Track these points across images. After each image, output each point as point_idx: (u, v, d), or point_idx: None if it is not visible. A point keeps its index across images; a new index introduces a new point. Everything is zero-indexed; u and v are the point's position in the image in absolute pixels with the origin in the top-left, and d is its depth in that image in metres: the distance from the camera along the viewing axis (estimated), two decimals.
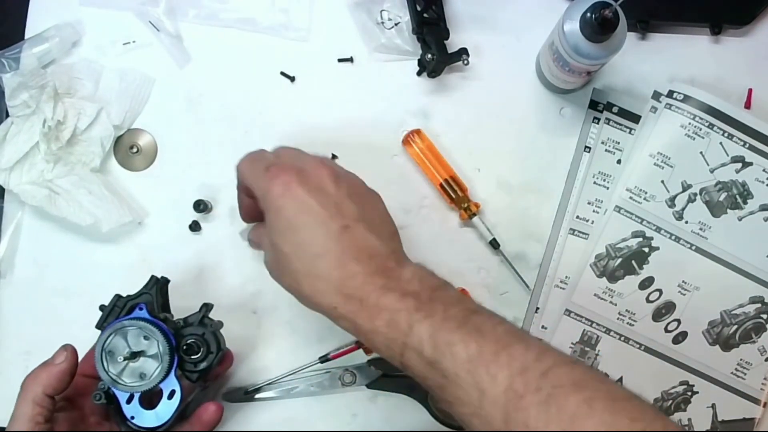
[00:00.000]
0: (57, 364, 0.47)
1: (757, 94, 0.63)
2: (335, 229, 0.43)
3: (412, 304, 0.42)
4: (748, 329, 0.61)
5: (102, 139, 0.58)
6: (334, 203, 0.44)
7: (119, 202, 0.57)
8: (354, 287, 0.43)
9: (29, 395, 0.46)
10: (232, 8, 0.61)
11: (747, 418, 0.62)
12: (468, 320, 0.42)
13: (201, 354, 0.49)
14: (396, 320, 0.42)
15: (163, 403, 0.47)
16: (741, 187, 0.61)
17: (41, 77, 0.57)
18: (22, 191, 0.56)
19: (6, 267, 0.58)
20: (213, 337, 0.49)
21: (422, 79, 0.62)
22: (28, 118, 0.57)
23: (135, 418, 0.47)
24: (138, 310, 0.48)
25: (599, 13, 0.50)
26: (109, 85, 0.59)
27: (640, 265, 0.60)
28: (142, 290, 0.49)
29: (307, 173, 0.45)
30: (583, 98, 0.62)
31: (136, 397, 0.47)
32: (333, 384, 0.58)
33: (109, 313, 0.49)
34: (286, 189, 0.44)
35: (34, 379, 0.46)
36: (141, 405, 0.47)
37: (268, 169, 0.45)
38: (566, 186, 0.62)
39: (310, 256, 0.44)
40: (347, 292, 0.43)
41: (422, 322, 0.41)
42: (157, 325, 0.47)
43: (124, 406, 0.47)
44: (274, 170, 0.45)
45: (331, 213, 0.44)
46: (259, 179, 0.46)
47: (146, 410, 0.47)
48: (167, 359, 0.47)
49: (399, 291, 0.43)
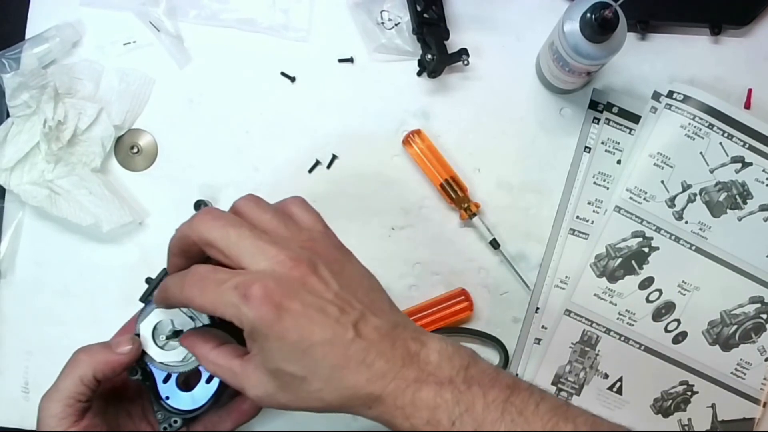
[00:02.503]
0: (119, 354, 0.44)
1: (757, 94, 0.63)
2: (347, 331, 0.39)
3: (449, 397, 0.39)
4: (748, 329, 0.61)
5: (102, 139, 0.58)
6: (331, 301, 0.39)
7: (120, 202, 0.57)
8: (384, 387, 0.39)
9: (78, 371, 0.43)
10: (233, 8, 0.61)
11: (747, 418, 0.62)
12: (509, 405, 0.39)
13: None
14: (437, 418, 0.39)
15: (200, 386, 0.46)
16: (741, 187, 0.61)
17: (42, 77, 0.57)
18: (23, 191, 0.56)
19: (6, 267, 0.58)
20: None
21: (422, 79, 0.62)
22: (29, 119, 0.57)
23: (170, 398, 0.45)
24: None
25: (599, 13, 0.50)
26: (109, 86, 0.59)
27: (640, 265, 0.60)
28: None
29: (288, 278, 0.39)
30: (583, 98, 0.62)
31: (174, 378, 0.45)
32: None
33: (155, 287, 0.45)
34: (278, 310, 0.37)
35: (91, 358, 0.43)
36: (177, 386, 0.45)
37: (237, 288, 0.38)
38: (566, 186, 0.62)
39: (330, 371, 0.39)
40: (378, 394, 0.39)
41: (464, 416, 0.38)
42: None
43: (160, 385, 0.45)
44: (254, 290, 0.38)
45: (336, 316, 0.39)
46: (237, 307, 0.38)
47: (183, 392, 0.45)
48: None
49: (433, 382, 0.39)
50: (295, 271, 0.39)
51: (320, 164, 0.61)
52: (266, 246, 0.39)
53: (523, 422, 0.39)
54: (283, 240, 0.41)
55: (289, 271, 0.39)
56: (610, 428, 0.40)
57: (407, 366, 0.39)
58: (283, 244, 0.40)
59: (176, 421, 0.46)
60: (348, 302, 0.40)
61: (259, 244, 0.39)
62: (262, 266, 0.39)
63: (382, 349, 0.39)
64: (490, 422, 0.38)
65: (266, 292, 0.38)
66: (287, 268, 0.39)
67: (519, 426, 0.38)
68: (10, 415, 0.57)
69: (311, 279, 0.39)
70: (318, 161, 0.61)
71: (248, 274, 0.39)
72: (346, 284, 0.41)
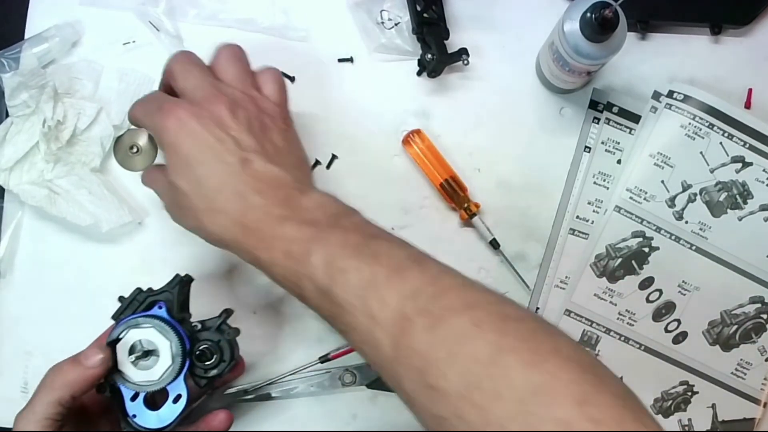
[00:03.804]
0: (90, 368, 0.44)
1: (757, 94, 0.63)
2: (233, 163, 0.43)
3: (309, 233, 0.41)
4: (748, 329, 0.61)
5: (102, 139, 0.58)
6: (232, 137, 0.44)
7: (119, 202, 0.57)
8: (253, 219, 0.42)
9: (55, 395, 0.43)
10: (232, 8, 0.61)
11: (747, 418, 0.62)
12: (365, 246, 0.41)
13: (213, 361, 0.48)
14: (292, 250, 0.41)
15: (167, 406, 0.47)
16: (741, 187, 0.61)
17: (41, 77, 0.57)
18: (22, 191, 0.56)
19: (6, 267, 0.58)
20: (228, 345, 0.48)
21: (422, 79, 0.62)
22: (28, 118, 0.57)
23: (137, 416, 0.46)
24: (157, 308, 0.47)
25: (599, 13, 0.50)
26: (108, 85, 0.59)
27: (640, 265, 0.60)
28: (164, 288, 0.48)
29: (203, 108, 0.44)
30: (583, 98, 0.62)
31: (141, 396, 0.46)
32: (333, 384, 0.58)
33: (127, 306, 0.47)
34: (181, 125, 0.43)
35: (63, 378, 0.44)
36: (145, 404, 0.46)
37: (161, 107, 0.45)
38: (566, 186, 0.62)
39: (209, 192, 0.43)
40: (247, 224, 0.43)
41: (318, 251, 0.41)
42: (173, 327, 0.46)
43: (127, 402, 0.46)
44: (167, 106, 0.44)
45: (229, 147, 0.43)
46: (153, 118, 0.45)
47: (149, 410, 0.46)
48: (179, 362, 0.46)
49: (297, 220, 0.42)
50: (214, 105, 0.44)
51: (320, 164, 0.61)
52: (206, 85, 0.46)
53: (373, 261, 0.40)
54: (227, 87, 0.46)
55: (210, 104, 0.44)
56: (459, 277, 0.41)
57: (279, 206, 0.43)
58: (222, 89, 0.46)
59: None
60: (250, 145, 0.44)
61: (201, 83, 0.46)
62: (192, 96, 0.45)
63: (260, 188, 0.43)
64: (341, 258, 0.40)
65: (177, 108, 0.44)
66: (209, 101, 0.45)
67: (368, 264, 0.40)
68: (10, 415, 0.57)
69: (225, 114, 0.44)
70: (318, 161, 0.61)
71: (178, 99, 0.46)
72: (261, 137, 0.45)
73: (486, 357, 0.36)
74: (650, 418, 0.36)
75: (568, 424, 0.34)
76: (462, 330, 0.37)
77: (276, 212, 0.42)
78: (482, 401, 0.35)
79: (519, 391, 0.35)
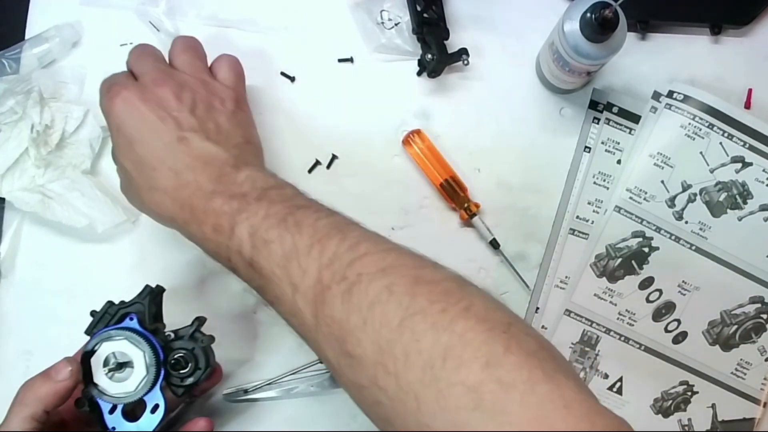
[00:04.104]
0: (60, 381, 0.44)
1: (757, 94, 0.63)
2: (170, 141, 0.44)
3: (236, 206, 0.42)
4: (748, 329, 0.61)
5: (91, 140, 0.58)
6: (173, 116, 0.45)
7: (112, 202, 0.57)
8: (186, 196, 0.43)
9: (28, 411, 0.44)
10: (232, 8, 0.61)
11: (747, 418, 0.62)
12: (290, 216, 0.41)
13: (189, 369, 0.47)
14: (220, 224, 0.42)
15: (145, 417, 0.46)
16: (741, 187, 0.61)
17: (26, 83, 0.57)
18: (15, 198, 0.56)
19: (7, 267, 0.58)
20: (202, 352, 0.48)
21: (422, 79, 0.62)
22: (16, 125, 0.57)
23: (116, 429, 0.46)
24: (129, 319, 0.47)
25: (599, 13, 0.50)
26: (94, 87, 0.58)
27: (640, 265, 0.60)
28: (135, 299, 0.48)
29: (149, 89, 0.46)
30: (583, 98, 0.62)
31: (119, 408, 0.46)
32: (333, 384, 0.58)
33: (99, 320, 0.48)
34: (126, 105, 0.45)
35: (35, 394, 0.44)
36: (124, 416, 0.46)
37: (110, 89, 0.46)
38: (566, 186, 0.62)
39: (147, 170, 0.44)
40: (181, 201, 0.43)
41: (243, 223, 0.41)
42: (145, 337, 0.46)
43: (106, 416, 0.46)
44: (115, 88, 0.46)
45: (168, 125, 0.44)
46: (103, 99, 0.47)
47: (129, 422, 0.46)
48: (153, 372, 0.46)
49: (226, 194, 0.43)
50: (159, 87, 0.46)
51: (320, 164, 0.61)
52: (155, 70, 0.47)
53: (295, 231, 0.40)
54: (176, 72, 0.48)
55: (155, 86, 0.46)
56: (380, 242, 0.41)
57: (211, 181, 0.43)
58: (171, 73, 0.47)
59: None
60: (187, 121, 0.45)
61: (152, 69, 0.47)
62: (142, 80, 0.47)
63: (193, 165, 0.44)
64: (264, 229, 0.41)
65: (123, 89, 0.45)
66: (155, 83, 0.46)
67: (290, 234, 0.40)
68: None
69: (168, 96, 0.45)
70: (318, 161, 0.61)
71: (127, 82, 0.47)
72: (204, 117, 0.46)
73: (396, 321, 0.36)
74: (564, 373, 0.34)
75: (475, 389, 0.33)
76: (375, 296, 0.37)
77: (207, 188, 0.43)
78: (395, 367, 0.35)
79: (427, 355, 0.34)
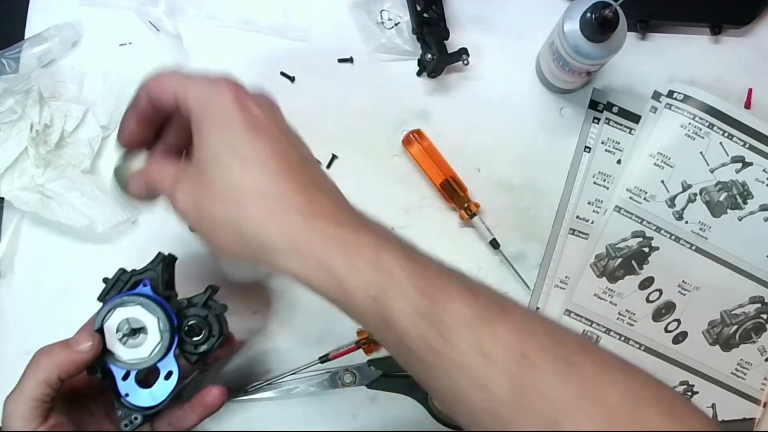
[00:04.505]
0: (80, 352, 0.44)
1: (757, 94, 0.63)
2: (295, 162, 0.41)
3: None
4: (748, 329, 0.61)
5: (90, 140, 0.58)
6: (286, 137, 0.42)
7: (112, 202, 0.57)
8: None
9: (42, 375, 0.43)
10: (232, 8, 0.61)
11: (747, 418, 0.62)
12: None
13: (202, 336, 0.47)
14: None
15: (159, 383, 0.46)
16: (741, 187, 0.61)
17: (25, 82, 0.57)
18: (15, 198, 0.56)
19: (6, 267, 0.58)
20: (216, 320, 0.48)
21: (422, 79, 0.62)
22: (15, 124, 0.57)
23: (129, 395, 0.46)
24: (142, 286, 0.47)
25: (599, 13, 0.50)
26: (92, 87, 0.59)
27: (640, 265, 0.60)
28: (147, 266, 0.48)
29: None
30: (583, 98, 0.62)
31: (133, 375, 0.46)
32: (333, 384, 0.58)
33: (112, 287, 0.48)
34: (240, 101, 0.39)
35: (52, 360, 0.44)
36: (137, 383, 0.46)
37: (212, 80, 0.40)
38: (566, 186, 0.62)
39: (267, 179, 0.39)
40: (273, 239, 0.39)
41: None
42: (159, 303, 0.46)
43: (119, 382, 0.46)
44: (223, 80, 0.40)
45: (291, 141, 0.42)
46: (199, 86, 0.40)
47: (142, 388, 0.46)
48: (167, 338, 0.46)
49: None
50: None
51: (320, 164, 0.61)
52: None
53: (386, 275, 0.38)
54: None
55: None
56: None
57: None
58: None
59: (136, 417, 0.46)
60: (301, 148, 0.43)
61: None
62: None
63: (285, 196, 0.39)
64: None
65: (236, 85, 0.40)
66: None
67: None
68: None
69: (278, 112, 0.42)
70: (318, 161, 0.61)
71: None
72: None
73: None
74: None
75: None
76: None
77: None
78: None
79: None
